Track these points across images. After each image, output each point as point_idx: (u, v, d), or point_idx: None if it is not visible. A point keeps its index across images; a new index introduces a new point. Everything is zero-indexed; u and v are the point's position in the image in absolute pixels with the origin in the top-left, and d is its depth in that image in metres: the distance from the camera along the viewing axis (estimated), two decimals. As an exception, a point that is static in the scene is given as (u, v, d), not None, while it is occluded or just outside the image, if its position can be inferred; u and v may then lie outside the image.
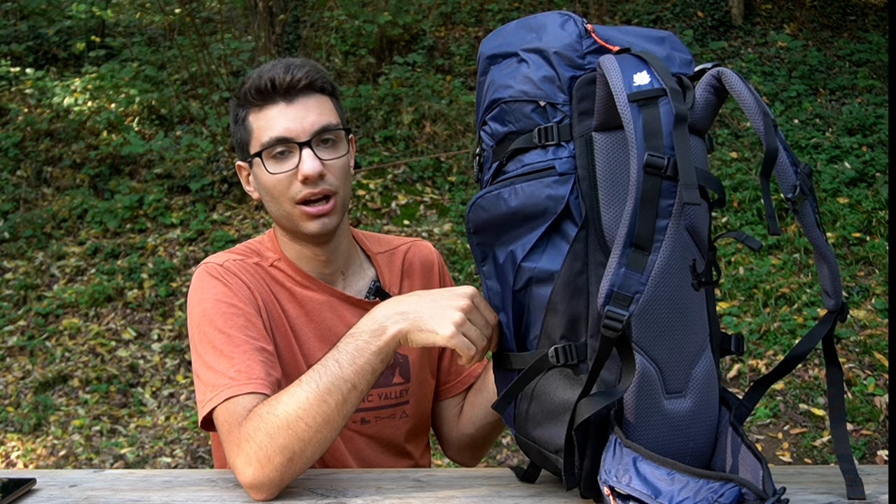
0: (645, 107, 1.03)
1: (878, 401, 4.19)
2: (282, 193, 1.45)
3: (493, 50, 1.24)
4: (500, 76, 1.21)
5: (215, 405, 1.31)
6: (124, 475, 1.40)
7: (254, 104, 1.46)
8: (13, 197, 6.99)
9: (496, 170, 1.21)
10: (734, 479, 1.02)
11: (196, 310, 1.43)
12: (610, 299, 1.02)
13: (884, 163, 6.02)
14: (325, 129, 1.45)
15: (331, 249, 1.53)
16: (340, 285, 1.56)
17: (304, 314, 1.50)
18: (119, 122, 7.52)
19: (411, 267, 1.64)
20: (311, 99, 1.46)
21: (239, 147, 1.52)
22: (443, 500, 1.22)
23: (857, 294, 4.96)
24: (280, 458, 1.21)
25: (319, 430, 1.22)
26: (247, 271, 1.48)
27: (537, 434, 1.19)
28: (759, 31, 8.20)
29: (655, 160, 1.01)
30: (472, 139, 6.94)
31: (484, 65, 1.25)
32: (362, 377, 1.24)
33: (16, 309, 5.96)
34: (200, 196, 6.70)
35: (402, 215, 6.30)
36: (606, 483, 1.06)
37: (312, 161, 1.42)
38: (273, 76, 1.43)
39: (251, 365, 1.33)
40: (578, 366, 1.14)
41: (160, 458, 4.48)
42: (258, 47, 7.78)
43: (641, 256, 1.02)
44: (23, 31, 8.90)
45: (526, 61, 1.18)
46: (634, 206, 1.02)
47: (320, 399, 1.22)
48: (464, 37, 8.48)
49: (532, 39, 1.18)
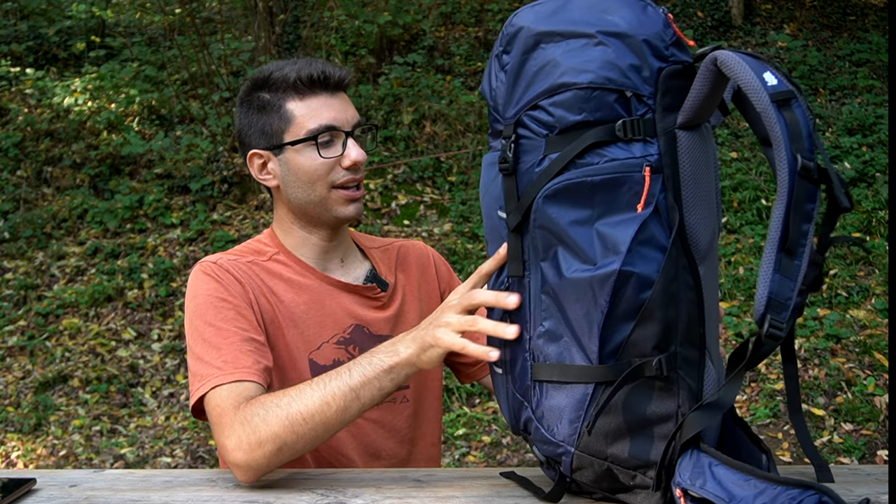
0: (784, 108, 0.98)
1: (878, 401, 4.19)
2: (321, 177, 1.51)
3: (549, 26, 1.10)
4: (569, 58, 1.09)
5: (203, 393, 1.36)
6: (124, 475, 1.40)
7: (298, 92, 1.51)
8: (13, 197, 6.99)
9: (566, 163, 1.09)
10: (815, 486, 0.98)
11: (189, 306, 1.48)
12: (769, 307, 0.98)
13: (884, 163, 6.02)
14: (360, 124, 1.55)
15: (337, 234, 1.60)
16: (338, 273, 1.60)
17: (304, 302, 1.54)
18: (119, 122, 7.52)
19: (405, 260, 1.69)
20: (345, 96, 1.56)
21: (262, 135, 1.54)
22: (443, 500, 1.22)
23: (857, 294, 4.96)
24: (270, 446, 1.26)
25: (315, 428, 1.27)
26: (240, 269, 1.52)
27: (613, 450, 1.10)
28: (758, 31, 8.20)
29: (807, 163, 0.97)
30: (472, 139, 6.94)
31: (530, 41, 1.11)
32: (367, 391, 1.28)
33: (16, 309, 5.96)
34: (200, 196, 6.70)
35: (402, 215, 6.30)
36: (680, 486, 1.04)
37: (358, 149, 1.52)
38: (324, 69, 1.51)
39: (238, 355, 1.38)
40: (670, 376, 1.08)
41: (160, 458, 4.48)
42: (258, 47, 7.78)
43: (790, 262, 0.99)
44: (23, 31, 8.90)
45: (606, 45, 1.07)
46: (786, 210, 0.98)
47: (323, 401, 1.27)
48: (464, 37, 8.48)
49: (610, 22, 1.08)
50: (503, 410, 1.23)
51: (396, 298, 1.63)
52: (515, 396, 1.18)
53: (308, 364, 1.52)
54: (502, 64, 1.14)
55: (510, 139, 1.12)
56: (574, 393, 1.11)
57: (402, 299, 1.64)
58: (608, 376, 1.08)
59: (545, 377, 1.13)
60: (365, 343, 1.55)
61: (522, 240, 1.13)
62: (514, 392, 1.18)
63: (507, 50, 1.13)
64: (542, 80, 1.10)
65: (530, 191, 1.11)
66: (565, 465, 1.14)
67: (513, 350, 1.17)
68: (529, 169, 1.12)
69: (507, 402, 1.21)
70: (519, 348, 1.16)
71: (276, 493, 1.26)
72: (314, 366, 1.52)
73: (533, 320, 1.13)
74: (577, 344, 1.10)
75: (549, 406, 1.13)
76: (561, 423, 1.12)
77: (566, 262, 1.09)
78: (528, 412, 1.16)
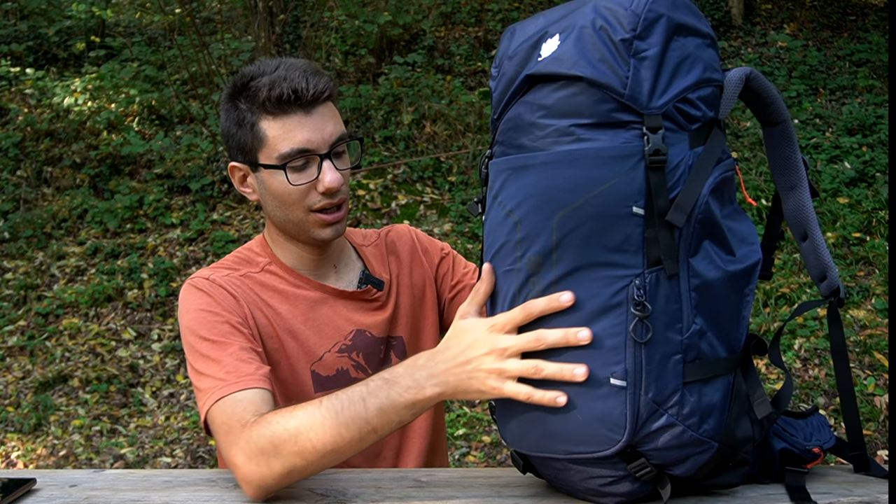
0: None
1: (878, 401, 4.19)
2: (296, 202, 1.45)
3: (682, 17, 1.08)
4: (706, 54, 1.09)
5: (209, 407, 1.31)
6: (124, 475, 1.39)
7: (269, 112, 1.42)
8: (13, 197, 6.98)
9: (718, 160, 1.09)
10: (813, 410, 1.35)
11: (182, 322, 1.43)
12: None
13: (884, 163, 6.02)
14: (340, 140, 1.45)
15: (329, 248, 1.55)
16: (332, 280, 1.57)
17: (301, 313, 1.51)
18: (119, 122, 7.52)
19: (393, 245, 1.66)
20: (325, 108, 1.45)
21: (239, 150, 1.48)
22: (443, 500, 1.21)
23: (857, 294, 4.96)
24: (279, 468, 1.21)
25: (326, 455, 1.21)
26: (233, 283, 1.47)
27: (738, 433, 1.12)
28: (759, 31, 8.20)
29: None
30: (472, 139, 6.94)
31: (668, 30, 1.06)
32: (386, 425, 1.19)
33: (16, 309, 5.96)
34: (200, 196, 6.70)
35: (402, 215, 6.29)
36: (816, 445, 1.27)
37: (334, 173, 1.42)
38: (296, 87, 1.40)
39: (239, 365, 1.34)
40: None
41: (160, 458, 4.48)
42: (258, 47, 7.77)
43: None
44: (23, 31, 8.90)
45: (714, 49, 1.11)
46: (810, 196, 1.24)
47: (335, 430, 1.19)
48: (464, 37, 8.48)
49: (710, 27, 1.14)
50: (596, 428, 1.07)
51: (392, 295, 1.60)
52: (647, 406, 1.05)
53: (310, 376, 1.49)
54: (636, 50, 1.04)
55: (659, 131, 1.04)
56: (721, 385, 1.10)
57: (397, 292, 1.61)
58: (744, 362, 1.13)
59: (698, 376, 1.08)
60: (368, 347, 1.53)
61: (676, 236, 1.06)
62: (643, 402, 1.05)
63: (643, 36, 1.04)
64: (686, 72, 1.07)
65: (693, 184, 1.06)
66: (695, 462, 1.10)
67: (650, 358, 1.05)
68: (681, 162, 1.06)
69: (623, 416, 1.06)
70: (661, 354, 1.06)
71: (276, 492, 1.26)
72: (317, 377, 1.49)
73: (686, 320, 1.07)
74: (723, 335, 1.10)
75: (703, 405, 1.08)
76: (711, 419, 1.09)
77: (718, 256, 1.10)
78: (669, 418, 1.06)
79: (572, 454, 1.10)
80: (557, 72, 1.08)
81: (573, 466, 1.13)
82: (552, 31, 1.12)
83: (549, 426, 1.10)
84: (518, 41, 1.17)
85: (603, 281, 1.06)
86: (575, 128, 1.07)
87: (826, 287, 1.24)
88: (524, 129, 1.12)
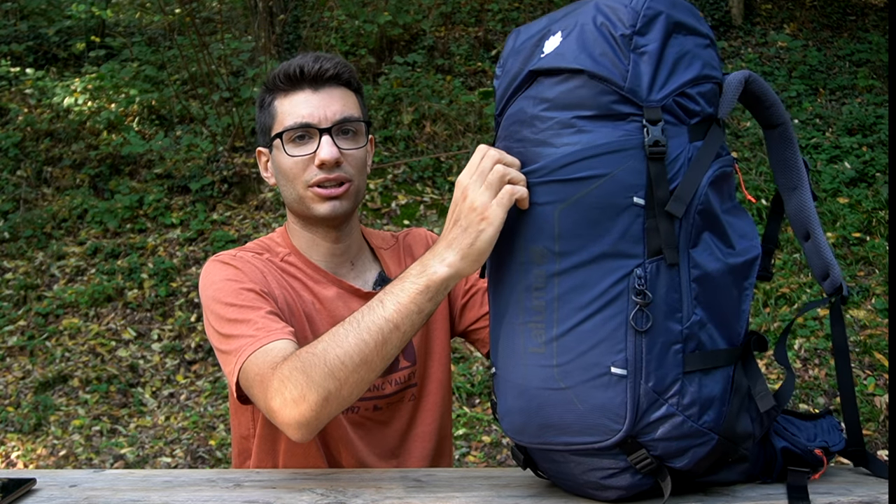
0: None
1: (878, 401, 4.19)
2: (297, 176, 1.50)
3: (680, 16, 1.11)
4: (704, 53, 1.12)
5: (242, 363, 1.31)
6: (124, 475, 1.40)
7: (281, 89, 1.52)
8: (13, 197, 6.99)
9: (716, 154, 1.11)
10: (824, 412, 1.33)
11: (207, 294, 1.45)
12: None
13: (884, 163, 6.02)
14: (345, 120, 1.50)
15: (342, 237, 1.57)
16: (349, 277, 1.59)
17: (319, 302, 1.54)
18: (119, 122, 7.52)
19: (409, 248, 1.69)
20: (336, 90, 1.52)
21: (262, 132, 1.57)
22: (443, 500, 1.21)
23: (857, 294, 4.96)
24: (314, 397, 1.18)
25: (356, 370, 1.19)
26: (257, 261, 1.51)
27: (739, 428, 1.13)
28: (758, 31, 8.20)
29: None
30: (472, 139, 6.94)
31: (667, 27, 1.09)
32: (406, 317, 1.18)
33: (16, 309, 5.96)
34: (200, 196, 6.70)
35: (402, 215, 6.30)
36: (820, 446, 1.25)
37: (330, 147, 1.47)
38: (303, 64, 1.50)
39: (268, 322, 1.35)
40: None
41: (160, 458, 4.48)
42: (258, 47, 7.78)
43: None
44: (23, 31, 8.90)
45: (713, 49, 1.14)
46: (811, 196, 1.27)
47: (359, 338, 1.19)
48: (464, 37, 8.48)
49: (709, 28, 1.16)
50: (596, 418, 1.08)
51: None
52: (648, 395, 1.07)
53: None
54: (635, 45, 1.08)
55: (658, 123, 1.07)
56: (721, 377, 1.11)
57: None
58: (744, 354, 1.14)
59: (698, 366, 1.09)
60: None
61: (677, 226, 1.08)
62: (644, 391, 1.07)
63: (643, 32, 1.08)
64: (685, 68, 1.10)
65: (692, 176, 1.08)
66: (695, 455, 1.10)
67: (650, 347, 1.07)
68: (680, 155, 1.08)
69: (623, 405, 1.07)
70: (661, 343, 1.07)
71: (276, 493, 1.26)
72: None
73: (686, 310, 1.08)
74: (723, 327, 1.12)
75: (703, 396, 1.09)
76: (711, 411, 1.10)
77: (718, 249, 1.12)
78: (669, 408, 1.08)
79: (573, 445, 1.11)
80: (559, 66, 1.10)
81: (573, 458, 1.14)
82: (554, 29, 1.15)
83: (549, 417, 1.11)
84: (522, 40, 1.20)
85: (604, 270, 1.07)
86: (576, 119, 1.09)
87: (829, 285, 1.25)
88: (526, 122, 1.14)
